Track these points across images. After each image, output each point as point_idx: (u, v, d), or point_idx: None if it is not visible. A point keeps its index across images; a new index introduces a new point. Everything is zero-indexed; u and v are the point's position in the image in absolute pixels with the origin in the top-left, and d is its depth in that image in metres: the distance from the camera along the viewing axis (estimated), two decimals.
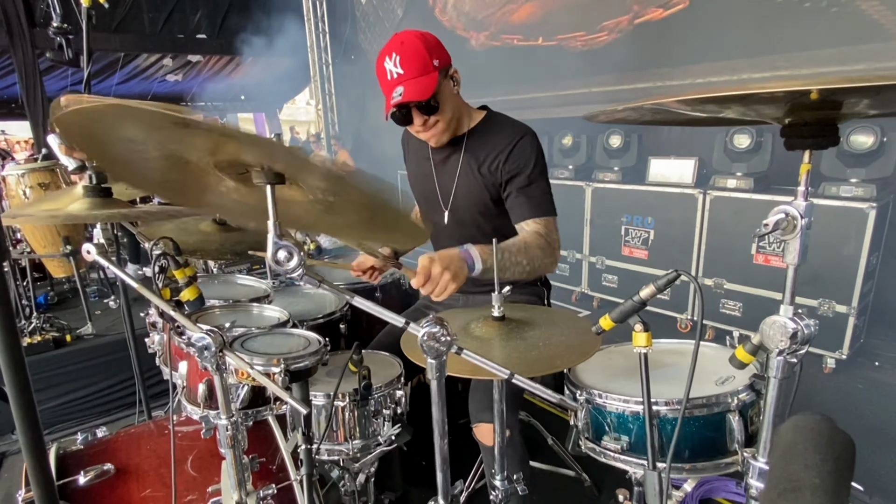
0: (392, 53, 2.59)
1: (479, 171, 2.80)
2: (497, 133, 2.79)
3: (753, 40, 5.96)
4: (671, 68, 6.81)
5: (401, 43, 2.61)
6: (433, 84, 2.59)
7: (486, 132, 2.83)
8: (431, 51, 2.62)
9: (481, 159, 2.80)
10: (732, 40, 6.13)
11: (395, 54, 2.58)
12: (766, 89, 1.22)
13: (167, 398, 2.67)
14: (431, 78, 2.60)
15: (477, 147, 2.82)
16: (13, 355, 1.03)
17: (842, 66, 5.34)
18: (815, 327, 1.54)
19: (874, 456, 3.90)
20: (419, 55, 2.59)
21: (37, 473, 1.11)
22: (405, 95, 2.57)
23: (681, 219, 6.11)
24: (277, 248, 1.43)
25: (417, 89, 2.58)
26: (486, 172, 2.78)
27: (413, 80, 2.58)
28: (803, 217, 1.46)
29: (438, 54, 2.65)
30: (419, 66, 2.59)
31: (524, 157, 2.70)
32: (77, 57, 3.44)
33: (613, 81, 7.49)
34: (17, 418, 1.07)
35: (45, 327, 4.92)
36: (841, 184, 5.01)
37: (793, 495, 1.01)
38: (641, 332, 1.68)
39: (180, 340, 2.30)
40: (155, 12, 12.39)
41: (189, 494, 2.30)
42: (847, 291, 5.00)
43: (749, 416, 1.90)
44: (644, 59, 7.07)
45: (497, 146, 2.74)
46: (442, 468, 1.79)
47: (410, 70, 2.58)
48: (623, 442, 1.95)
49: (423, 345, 1.56)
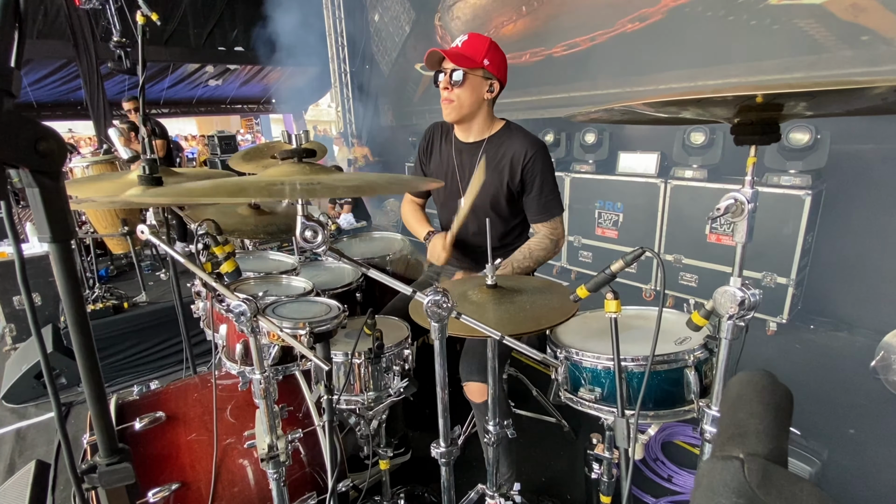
0: (466, 35, 2.77)
1: (494, 171, 2.82)
2: (515, 142, 2.81)
3: (709, 52, 5.93)
4: (639, 76, 6.78)
5: (478, 35, 2.77)
6: (471, 66, 2.70)
7: (504, 140, 2.85)
8: (490, 52, 2.72)
9: (497, 162, 2.82)
10: (691, 52, 6.10)
11: (467, 37, 2.76)
12: (719, 94, 1.22)
13: (210, 356, 2.67)
14: (474, 63, 2.70)
15: (494, 151, 2.84)
16: (79, 320, 1.03)
17: (783, 74, 5.33)
18: (760, 296, 1.54)
19: (810, 405, 3.92)
20: (478, 48, 2.72)
21: (99, 420, 1.11)
22: (448, 52, 2.70)
23: (645, 204, 6.11)
24: (305, 227, 1.43)
25: (458, 57, 2.69)
26: (502, 173, 2.81)
27: (461, 54, 2.70)
28: (749, 202, 1.46)
29: (493, 60, 2.74)
30: (473, 50, 2.71)
31: (539, 167, 2.76)
32: (133, 67, 3.43)
33: (589, 87, 7.46)
34: (82, 373, 1.07)
35: (106, 296, 4.92)
36: (781, 174, 5.01)
37: (740, 439, 1.01)
38: (612, 300, 1.69)
39: (220, 307, 2.29)
40: (199, 28, 12.44)
41: (228, 438, 2.31)
42: (787, 266, 5.02)
43: (703, 371, 1.90)
44: (616, 67, 7.03)
45: (515, 154, 2.78)
46: (443, 415, 1.81)
47: (466, 48, 2.72)
48: (596, 393, 1.94)
49: (428, 311, 1.58)
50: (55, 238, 0.96)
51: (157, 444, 2.25)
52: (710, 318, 1.70)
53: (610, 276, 1.72)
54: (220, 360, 2.34)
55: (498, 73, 2.77)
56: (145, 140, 3.05)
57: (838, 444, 3.45)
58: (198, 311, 2.88)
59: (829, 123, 4.96)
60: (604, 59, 7.14)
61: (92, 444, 2.09)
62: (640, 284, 6.38)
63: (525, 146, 2.77)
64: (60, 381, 4.51)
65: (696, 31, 6.01)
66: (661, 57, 6.45)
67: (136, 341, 4.78)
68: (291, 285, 2.72)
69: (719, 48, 5.85)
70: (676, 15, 6.19)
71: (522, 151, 2.76)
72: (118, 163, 5.63)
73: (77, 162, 5.80)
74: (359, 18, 12.49)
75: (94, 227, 5.75)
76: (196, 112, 18.18)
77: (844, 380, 4.36)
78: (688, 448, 3.45)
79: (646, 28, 6.55)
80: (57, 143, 0.90)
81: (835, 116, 1.56)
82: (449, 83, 2.73)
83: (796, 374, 4.49)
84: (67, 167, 5.61)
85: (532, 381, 3.77)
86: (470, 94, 2.75)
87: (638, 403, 1.75)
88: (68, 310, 1.02)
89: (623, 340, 1.76)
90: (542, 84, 8.09)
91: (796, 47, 5.20)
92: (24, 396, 4.42)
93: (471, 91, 2.74)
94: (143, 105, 3.07)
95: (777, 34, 5.32)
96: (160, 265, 6.27)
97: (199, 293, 2.88)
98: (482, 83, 2.75)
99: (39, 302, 5.06)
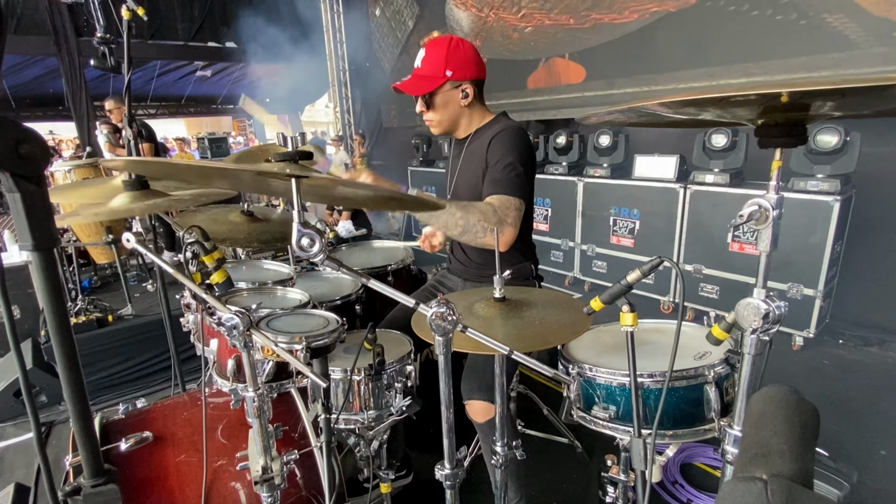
0: (423, 49, 2.82)
1: (474, 164, 2.86)
2: (492, 129, 2.84)
3: (731, 49, 5.94)
4: (656, 74, 6.79)
5: (435, 44, 2.79)
6: (433, 86, 2.78)
7: (483, 132, 2.89)
8: (450, 61, 2.75)
9: (476, 154, 2.87)
10: (712, 49, 6.11)
11: (425, 51, 2.81)
12: (741, 93, 1.22)
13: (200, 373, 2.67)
14: (435, 81, 2.77)
15: (474, 144, 2.91)
16: (63, 333, 1.04)
17: (810, 72, 5.33)
18: (785, 308, 1.54)
19: (838, 424, 3.90)
20: (436, 61, 2.76)
21: (83, 440, 1.12)
22: (404, 84, 2.81)
23: (664, 210, 6.10)
24: (301, 235, 1.44)
25: (416, 85, 2.79)
26: (479, 161, 2.83)
27: (419, 77, 2.79)
28: (774, 209, 1.47)
29: (456, 66, 2.76)
30: (431, 68, 2.77)
31: (501, 148, 2.72)
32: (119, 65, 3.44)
33: (604, 86, 7.48)
34: (65, 390, 1.08)
35: (90, 308, 4.93)
36: (808, 179, 5.00)
37: (763, 459, 1.01)
38: (628, 312, 1.69)
39: (211, 320, 2.30)
40: (187, 22, 12.39)
41: (220, 459, 2.31)
42: (814, 276, 5.00)
43: (724, 387, 1.90)
44: (632, 66, 7.05)
45: (485, 141, 2.80)
46: (448, 435, 1.80)
47: (424, 68, 2.79)
48: (611, 411, 1.95)
49: (431, 323, 1.58)
50: (38, 246, 0.97)
51: (144, 467, 2.25)
52: (732, 331, 1.70)
53: (626, 288, 1.72)
54: (211, 376, 2.34)
55: (466, 75, 2.80)
56: (131, 143, 3.06)
57: (868, 466, 3.44)
58: (187, 325, 2.89)
59: (859, 125, 4.93)
60: (618, 56, 7.16)
61: (75, 466, 2.09)
62: (658, 296, 6.36)
63: (497, 129, 2.80)
64: (40, 399, 4.51)
65: (717, 27, 6.02)
66: (680, 54, 6.46)
67: (121, 357, 4.78)
68: (287, 297, 2.73)
69: (742, 44, 5.86)
70: (696, 10, 6.21)
71: (492, 134, 2.79)
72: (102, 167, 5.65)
73: (59, 166, 5.83)
74: (358, 13, 12.53)
75: (76, 235, 5.77)
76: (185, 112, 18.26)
77: (875, 398, 4.33)
78: (708, 470, 3.43)
79: (663, 23, 6.57)
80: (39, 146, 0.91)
81: (865, 118, 1.57)
82: (423, 108, 2.85)
83: (823, 391, 4.47)
84: (48, 171, 5.63)
85: (542, 398, 3.75)
86: (445, 109, 2.86)
87: (655, 422, 1.75)
88: (51, 322, 1.03)
89: (639, 355, 1.76)
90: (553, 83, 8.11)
91: (824, 44, 5.20)
92: (2, 415, 4.41)
93: (444, 106, 2.85)
94: (130, 105, 3.07)
95: (804, 30, 5.32)
96: (147, 275, 6.29)
97: (188, 305, 2.89)
98: (453, 94, 2.83)
99: (18, 315, 5.07)
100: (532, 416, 3.82)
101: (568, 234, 7.28)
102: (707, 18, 6.11)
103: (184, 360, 3.90)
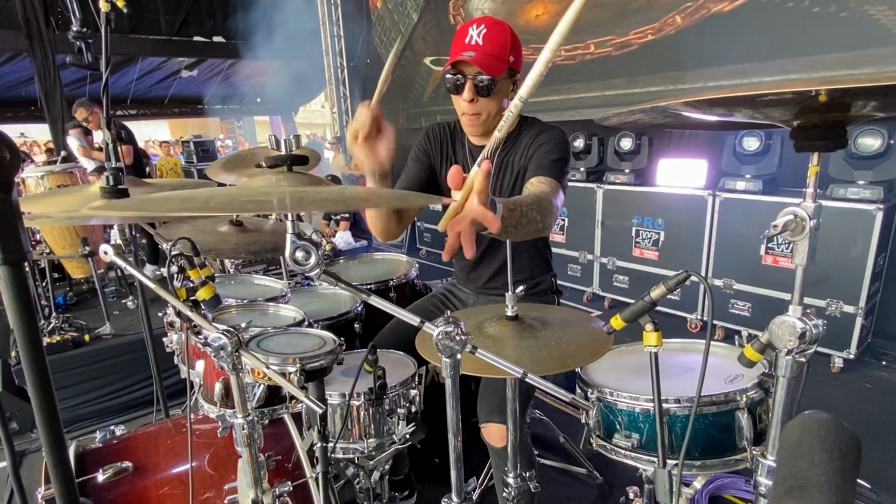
0: (482, 24, 2.50)
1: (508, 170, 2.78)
2: (526, 133, 2.74)
3: (764, 45, 5.96)
4: (683, 72, 6.81)
5: (495, 23, 2.52)
6: (501, 70, 2.51)
7: (517, 135, 2.78)
8: (514, 48, 2.54)
9: (511, 159, 2.78)
10: (743, 44, 6.12)
11: (485, 27, 2.50)
12: (775, 91, 1.22)
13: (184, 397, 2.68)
14: (502, 65, 2.51)
15: (508, 150, 2.78)
16: (34, 355, 1.04)
17: (850, 69, 5.33)
18: (823, 327, 1.54)
19: (882, 454, 3.88)
20: (502, 42, 2.51)
21: (57, 471, 1.11)
22: (476, 59, 2.45)
23: (691, 220, 6.10)
24: (296, 247, 1.43)
25: (488, 63, 2.48)
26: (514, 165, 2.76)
27: (487, 55, 2.48)
28: (811, 218, 1.47)
29: (516, 56, 2.57)
30: (498, 48, 2.50)
31: (550, 142, 2.62)
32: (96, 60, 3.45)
33: (627, 85, 7.50)
34: (37, 417, 1.08)
35: (64, 327, 4.93)
36: (848, 185, 4.99)
37: (799, 492, 1.01)
38: (652, 331, 1.69)
39: (197, 340, 2.31)
40: (171, 13, 12.40)
41: (206, 492, 2.31)
42: (854, 292, 4.98)
43: (758, 413, 1.90)
44: (656, 63, 7.06)
45: (526, 145, 2.70)
46: (456, 466, 1.79)
47: (490, 46, 2.48)
48: (634, 440, 1.95)
49: (438, 343, 1.55)
50: (6, 260, 0.97)
51: (123, 499, 2.25)
52: (766, 352, 1.69)
53: (649, 305, 1.72)
54: (197, 401, 2.34)
55: (519, 65, 2.63)
56: (110, 146, 3.07)
57: None
58: (171, 345, 2.89)
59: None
60: (643, 53, 7.18)
61: (48, 499, 2.10)
62: (685, 314, 6.35)
63: (541, 127, 2.72)
64: (11, 427, 4.51)
65: (749, 20, 6.03)
66: (709, 51, 6.47)
67: (99, 380, 4.78)
68: (279, 315, 2.74)
69: (776, 40, 5.87)
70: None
71: (537, 131, 2.70)
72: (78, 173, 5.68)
73: (30, 172, 5.85)
74: (357, 5, 12.56)
75: (49, 247, 5.78)
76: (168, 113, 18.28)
77: None
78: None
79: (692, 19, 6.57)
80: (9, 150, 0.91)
81: None
82: (475, 95, 2.56)
83: (865, 418, 4.46)
84: (19, 178, 5.65)
85: (558, 425, 3.76)
86: (496, 101, 2.61)
87: (682, 452, 1.75)
88: (22, 343, 1.03)
89: (664, 378, 1.76)
90: (571, 81, 8.14)
91: (866, 38, 5.20)
92: None
93: (498, 100, 2.61)
94: (108, 105, 3.08)
95: (844, 23, 5.33)
96: (127, 291, 6.29)
97: (171, 324, 2.90)
98: (507, 86, 2.62)
99: None
100: (548, 443, 3.82)
101: (586, 246, 7.28)
102: (738, 11, 6.12)
103: (167, 383, 3.89)
